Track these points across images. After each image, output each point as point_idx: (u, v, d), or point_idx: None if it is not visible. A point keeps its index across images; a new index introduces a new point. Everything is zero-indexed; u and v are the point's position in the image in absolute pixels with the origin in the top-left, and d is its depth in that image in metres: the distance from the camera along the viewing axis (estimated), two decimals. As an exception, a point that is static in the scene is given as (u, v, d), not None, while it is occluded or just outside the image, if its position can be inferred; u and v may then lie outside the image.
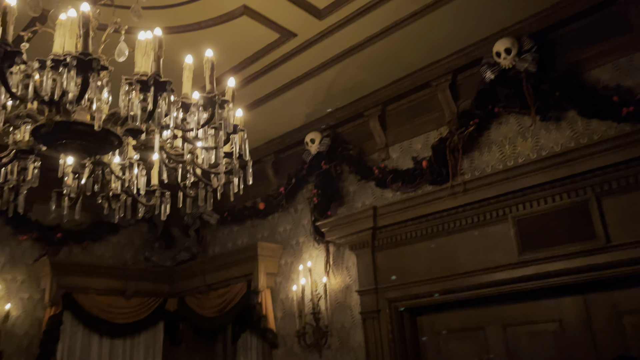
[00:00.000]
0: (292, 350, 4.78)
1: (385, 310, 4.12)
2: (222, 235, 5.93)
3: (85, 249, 5.54)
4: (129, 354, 5.52)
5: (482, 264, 3.65)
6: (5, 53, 1.40)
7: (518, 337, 3.62)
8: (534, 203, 3.45)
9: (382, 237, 4.26)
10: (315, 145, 4.80)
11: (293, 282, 4.86)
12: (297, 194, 5.16)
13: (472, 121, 3.79)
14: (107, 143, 2.03)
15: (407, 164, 4.30)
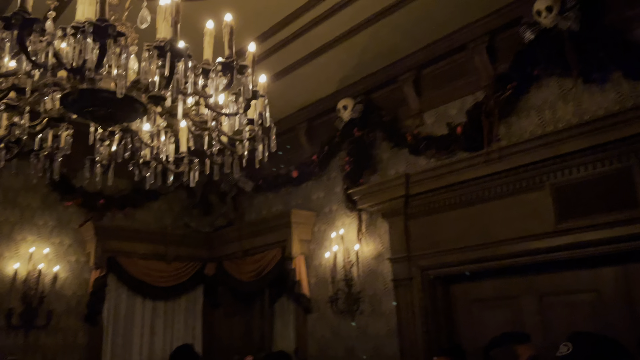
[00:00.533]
0: (325, 315, 4.86)
1: (417, 278, 4.11)
2: (258, 202, 6.01)
3: (127, 214, 5.74)
4: (171, 315, 5.76)
5: (517, 233, 3.56)
6: (24, 21, 1.42)
7: (553, 307, 3.54)
8: (574, 170, 3.31)
9: (414, 205, 4.20)
10: (347, 112, 4.74)
11: (326, 249, 4.90)
12: (330, 162, 5.14)
13: (510, 85, 3.63)
14: (132, 110, 2.05)
15: (442, 130, 4.19)
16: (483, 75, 3.92)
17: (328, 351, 4.77)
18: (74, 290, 5.19)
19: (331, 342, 4.76)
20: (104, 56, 1.54)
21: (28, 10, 1.48)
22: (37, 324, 4.84)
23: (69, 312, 5.10)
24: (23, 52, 1.47)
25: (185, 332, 5.78)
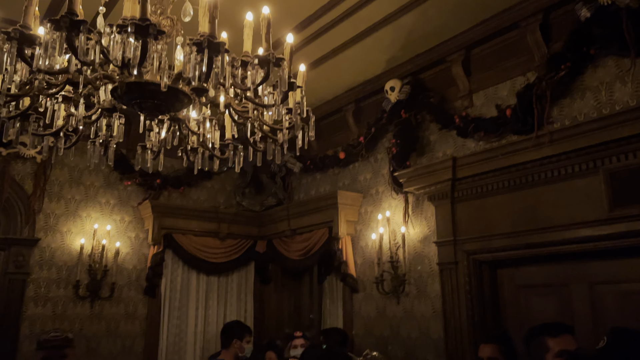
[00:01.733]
0: (371, 295, 4.93)
1: (463, 262, 4.08)
2: (306, 183, 6.10)
3: (182, 193, 6.00)
4: (224, 290, 6.01)
5: (568, 219, 3.45)
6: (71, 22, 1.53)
7: (605, 296, 3.44)
8: (630, 155, 3.16)
9: (461, 189, 4.15)
10: (395, 93, 4.70)
11: (372, 231, 4.93)
12: (377, 143, 5.13)
13: (564, 65, 3.47)
14: (177, 101, 2.15)
15: (491, 112, 4.08)
16: (535, 55, 3.77)
17: (373, 330, 4.85)
18: (134, 264, 5.52)
19: (377, 321, 4.83)
20: (146, 53, 1.63)
21: (76, 12, 1.58)
22: (101, 295, 5.21)
23: (129, 285, 5.45)
24: (72, 52, 1.58)
25: (238, 306, 6.03)
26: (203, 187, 6.22)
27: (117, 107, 2.34)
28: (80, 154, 5.26)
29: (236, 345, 3.76)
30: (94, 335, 5.17)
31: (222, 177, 6.32)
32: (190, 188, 6.10)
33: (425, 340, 4.34)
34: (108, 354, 5.21)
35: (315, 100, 5.52)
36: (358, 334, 4.99)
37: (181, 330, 5.58)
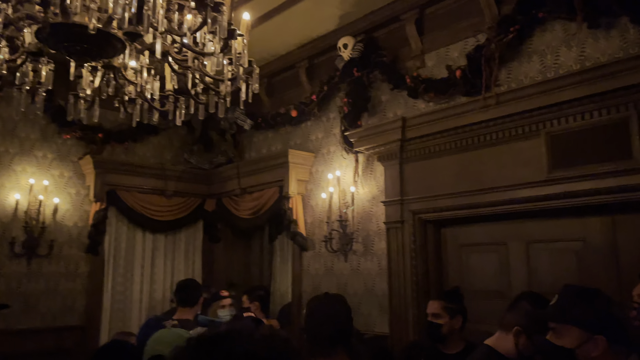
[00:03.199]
0: (320, 253, 4.97)
1: (409, 221, 4.15)
2: (258, 141, 6.00)
3: (127, 148, 5.77)
4: (171, 248, 5.92)
5: (510, 180, 3.54)
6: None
7: (539, 253, 3.59)
8: (570, 119, 3.24)
9: (410, 149, 4.18)
10: (348, 51, 4.61)
11: (323, 190, 4.93)
12: (330, 102, 5.07)
13: (513, 27, 3.49)
14: (109, 46, 2.01)
15: (442, 73, 4.08)
16: (487, 16, 3.76)
17: (321, 287, 4.91)
18: (74, 221, 5.32)
19: (324, 279, 4.90)
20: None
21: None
22: (39, 252, 5.01)
23: (70, 242, 5.26)
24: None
25: (186, 265, 5.96)
26: (149, 143, 6.00)
27: (45, 51, 2.16)
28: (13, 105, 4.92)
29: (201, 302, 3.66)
30: (32, 293, 4.99)
31: (169, 133, 6.11)
32: (135, 143, 5.86)
33: (370, 296, 4.44)
34: (47, 312, 5.06)
35: (267, 56, 5.36)
36: (306, 290, 5.05)
37: (126, 289, 5.48)
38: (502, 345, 2.03)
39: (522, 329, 1.99)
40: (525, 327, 1.99)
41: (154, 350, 2.21)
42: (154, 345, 2.28)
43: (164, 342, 2.27)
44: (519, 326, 1.99)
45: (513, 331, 2.00)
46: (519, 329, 1.99)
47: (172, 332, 2.60)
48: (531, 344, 1.97)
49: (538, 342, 1.91)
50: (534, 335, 1.96)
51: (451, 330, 2.83)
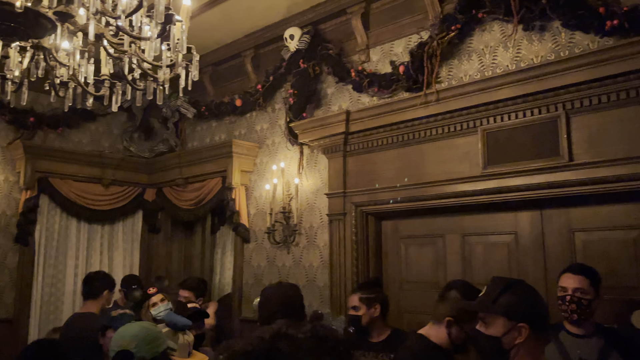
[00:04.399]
0: (262, 245, 4.95)
1: (351, 214, 4.20)
2: (201, 130, 5.88)
3: (61, 134, 5.51)
4: (108, 239, 5.72)
5: (448, 175, 3.66)
6: None
7: (474, 246, 3.73)
8: (505, 117, 3.38)
9: (353, 143, 4.22)
10: (294, 41, 4.59)
11: (267, 181, 4.90)
12: (275, 93, 5.03)
13: (454, 26, 3.59)
14: (39, 26, 1.90)
15: (386, 68, 4.14)
16: (430, 14, 3.84)
17: (263, 279, 4.90)
18: (3, 209, 5.03)
19: (267, 271, 4.89)
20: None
21: None
22: (-38, 242, 4.71)
23: (-3, 231, 4.97)
24: None
25: (124, 256, 5.78)
26: (86, 129, 5.75)
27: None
28: None
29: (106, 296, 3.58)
30: (-45, 285, 4.69)
31: (107, 120, 5.88)
32: (71, 129, 5.60)
33: (312, 288, 4.47)
34: (-28, 305, 4.78)
35: (212, 43, 5.25)
36: (247, 282, 5.03)
37: (58, 281, 5.24)
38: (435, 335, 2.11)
39: (454, 319, 2.07)
40: (456, 316, 2.07)
41: (118, 346, 2.13)
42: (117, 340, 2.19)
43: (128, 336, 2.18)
44: (450, 316, 2.07)
45: (444, 322, 2.07)
46: (450, 319, 2.07)
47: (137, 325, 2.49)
48: (463, 332, 2.06)
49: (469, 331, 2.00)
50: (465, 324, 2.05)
51: (371, 319, 2.92)
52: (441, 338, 2.10)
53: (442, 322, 2.10)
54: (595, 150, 3.01)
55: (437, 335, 2.10)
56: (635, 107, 2.92)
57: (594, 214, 3.21)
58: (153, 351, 2.09)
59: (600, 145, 3.00)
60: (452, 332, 2.07)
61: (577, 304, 2.45)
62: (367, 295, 2.94)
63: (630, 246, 3.05)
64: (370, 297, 2.95)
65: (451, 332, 2.07)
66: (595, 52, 2.91)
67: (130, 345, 2.09)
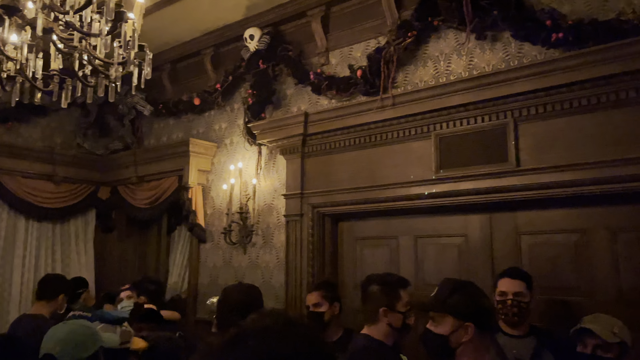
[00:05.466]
0: (218, 245, 4.91)
1: (308, 215, 4.23)
2: (158, 128, 5.78)
3: (11, 129, 5.31)
4: (59, 238, 5.55)
5: (402, 178, 3.73)
6: None
7: (426, 247, 3.82)
8: (457, 122, 3.48)
9: (312, 144, 4.25)
10: (254, 42, 4.58)
11: (224, 181, 4.87)
12: (235, 93, 5.01)
13: (411, 33, 3.67)
14: (-18, 18, 1.84)
15: (345, 72, 4.19)
16: (388, 19, 3.91)
17: (219, 280, 4.87)
18: (-55, 206, 4.81)
19: (222, 271, 4.86)
20: None
21: None
22: None
23: (-61, 230, 4.75)
24: None
25: (76, 255, 5.62)
26: (36, 125, 5.56)
27: None
28: None
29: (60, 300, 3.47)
30: None
31: (60, 115, 5.70)
32: (21, 124, 5.41)
33: (267, 288, 4.46)
34: None
35: (171, 40, 5.18)
36: (203, 283, 4.98)
37: (5, 280, 5.05)
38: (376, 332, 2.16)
39: (387, 307, 2.14)
40: (388, 304, 2.14)
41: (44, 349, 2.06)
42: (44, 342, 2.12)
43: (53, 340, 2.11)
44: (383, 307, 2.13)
45: (380, 313, 2.14)
46: (385, 309, 2.13)
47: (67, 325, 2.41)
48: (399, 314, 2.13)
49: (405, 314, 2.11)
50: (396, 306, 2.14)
51: (332, 316, 2.99)
52: (382, 332, 2.16)
53: (377, 318, 2.17)
54: (541, 156, 3.15)
55: (379, 331, 2.16)
56: (578, 117, 3.07)
57: (538, 217, 3.34)
58: (78, 356, 2.01)
59: (545, 152, 3.14)
60: (390, 319, 2.14)
61: (518, 308, 2.56)
62: (329, 293, 3.03)
63: (572, 249, 3.20)
64: (330, 296, 3.05)
65: (389, 320, 2.13)
66: (541, 63, 3.05)
67: (54, 350, 2.00)
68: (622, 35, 2.82)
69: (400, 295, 2.22)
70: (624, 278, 3.00)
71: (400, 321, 2.15)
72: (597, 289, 3.08)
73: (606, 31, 2.86)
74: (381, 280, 2.26)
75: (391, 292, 2.19)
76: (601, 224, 3.11)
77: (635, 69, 2.78)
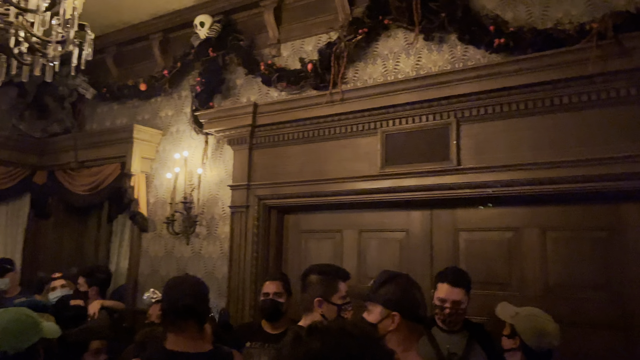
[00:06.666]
0: (160, 235, 4.81)
1: (254, 207, 4.22)
2: (101, 112, 5.58)
3: (-63, 107, 4.97)
4: (-11, 223, 5.27)
5: (348, 173, 3.78)
6: None
7: (369, 241, 3.90)
8: (403, 120, 3.56)
9: (260, 136, 4.23)
10: (204, 29, 4.49)
11: (169, 170, 4.76)
12: (183, 80, 4.91)
13: (361, 30, 3.71)
14: None
15: (296, 65, 4.18)
16: (340, 15, 3.94)
17: (160, 270, 4.77)
18: None
19: (164, 261, 4.76)
20: None
21: None
22: None
23: None
24: None
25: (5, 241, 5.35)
26: (-33, 103, 5.24)
27: None
28: None
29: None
30: None
31: (-6, 94, 5.39)
32: (-51, 102, 5.08)
33: (210, 279, 4.40)
34: None
35: (117, 22, 5.02)
36: (143, 273, 4.87)
37: None
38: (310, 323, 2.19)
39: (322, 298, 2.17)
40: (323, 295, 2.18)
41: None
42: None
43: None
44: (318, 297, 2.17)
45: (315, 303, 2.17)
46: (319, 299, 2.16)
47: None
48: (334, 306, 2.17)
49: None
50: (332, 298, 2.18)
51: (287, 308, 3.03)
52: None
53: (312, 308, 2.20)
54: (480, 156, 3.28)
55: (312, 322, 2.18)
56: (516, 119, 3.21)
57: (475, 215, 3.48)
58: (18, 346, 1.93)
59: (484, 152, 3.26)
60: (324, 309, 2.17)
61: (455, 315, 2.64)
62: (287, 285, 3.07)
63: (505, 246, 3.35)
64: (288, 288, 3.09)
65: (323, 310, 2.16)
66: (484, 67, 3.16)
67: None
68: (559, 44, 2.97)
69: (338, 287, 2.24)
70: (551, 274, 3.18)
71: (334, 313, 2.17)
72: (526, 284, 3.25)
73: (544, 39, 3.00)
74: (320, 270, 2.28)
75: (329, 282, 2.22)
76: (532, 222, 3.28)
77: (569, 77, 2.94)
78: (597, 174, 2.89)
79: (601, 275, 3.04)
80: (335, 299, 2.20)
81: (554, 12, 3.18)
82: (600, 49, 2.80)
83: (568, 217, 3.17)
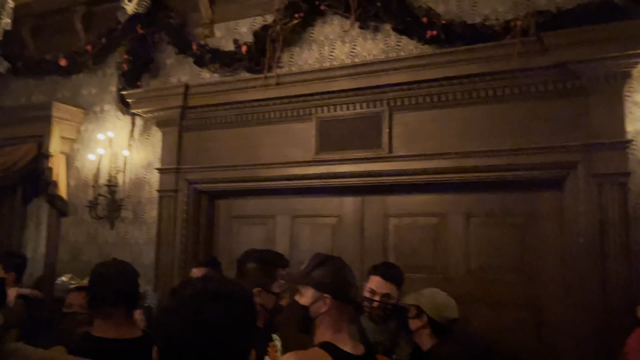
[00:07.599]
0: (82, 219, 4.57)
1: (183, 191, 4.10)
2: (16, 88, 5.18)
3: None
4: None
5: (282, 158, 3.77)
6: None
7: (302, 226, 3.92)
8: (338, 107, 3.59)
9: (191, 118, 4.11)
10: (132, 4, 4.27)
11: (92, 151, 4.51)
12: (108, 56, 4.65)
13: (298, 14, 3.69)
14: None
15: (230, 46, 4.08)
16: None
17: (81, 256, 4.54)
18: None
19: (86, 247, 4.54)
20: None
21: None
22: None
23: None
24: None
25: None
26: None
27: None
28: None
29: None
30: None
31: None
32: None
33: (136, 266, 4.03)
34: None
35: (37, -8, 4.65)
36: (63, 259, 4.61)
37: None
38: None
39: (261, 288, 2.15)
40: (262, 284, 2.16)
41: None
42: None
43: None
44: (257, 287, 2.14)
45: (255, 293, 2.14)
46: (259, 289, 2.15)
47: None
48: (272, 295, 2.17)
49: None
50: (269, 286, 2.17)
51: None
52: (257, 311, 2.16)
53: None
54: (411, 145, 3.38)
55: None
56: (446, 110, 3.33)
57: (404, 202, 3.59)
58: None
59: (415, 141, 3.37)
60: (263, 299, 2.14)
61: (384, 310, 2.66)
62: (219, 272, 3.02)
63: (431, 231, 3.49)
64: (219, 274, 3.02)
65: (262, 300, 2.14)
66: (415, 57, 3.26)
67: None
68: (487, 38, 3.11)
69: (276, 276, 2.22)
70: (473, 258, 3.36)
71: (272, 302, 2.15)
72: (450, 268, 3.41)
73: (473, 33, 3.14)
74: (259, 259, 2.23)
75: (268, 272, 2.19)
76: (457, 209, 3.44)
77: (494, 71, 3.09)
78: (517, 163, 3.08)
79: (517, 259, 3.25)
80: (275, 288, 2.18)
81: (482, 8, 3.32)
82: (523, 45, 2.97)
83: (490, 204, 3.35)
